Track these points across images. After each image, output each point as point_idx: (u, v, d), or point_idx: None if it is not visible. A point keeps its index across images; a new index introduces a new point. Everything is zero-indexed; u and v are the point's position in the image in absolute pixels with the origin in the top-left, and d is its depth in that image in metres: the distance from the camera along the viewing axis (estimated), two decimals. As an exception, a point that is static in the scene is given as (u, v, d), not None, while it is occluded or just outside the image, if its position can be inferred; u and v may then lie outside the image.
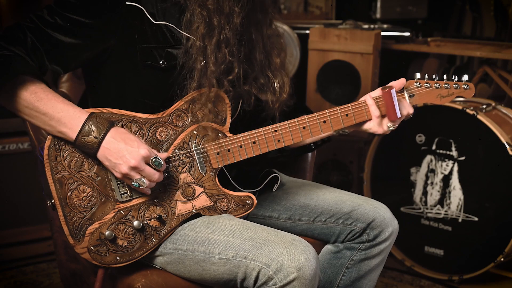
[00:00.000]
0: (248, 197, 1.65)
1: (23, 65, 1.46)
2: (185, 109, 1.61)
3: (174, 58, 1.59)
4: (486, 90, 3.55)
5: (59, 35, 1.51)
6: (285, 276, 1.45)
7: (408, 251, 2.86)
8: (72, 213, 1.53)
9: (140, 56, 1.58)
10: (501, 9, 3.98)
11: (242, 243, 1.51)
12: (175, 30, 1.60)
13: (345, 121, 1.68)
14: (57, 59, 1.53)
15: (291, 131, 1.65)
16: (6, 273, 2.75)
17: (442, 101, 1.71)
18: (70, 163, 1.53)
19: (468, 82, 1.71)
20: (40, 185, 1.96)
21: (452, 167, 2.73)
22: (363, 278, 1.80)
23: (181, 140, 1.61)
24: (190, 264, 1.57)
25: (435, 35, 3.73)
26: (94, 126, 1.49)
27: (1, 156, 2.76)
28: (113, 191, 1.56)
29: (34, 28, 1.50)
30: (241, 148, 1.63)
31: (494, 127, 2.59)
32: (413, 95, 1.69)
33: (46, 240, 2.81)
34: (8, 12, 1.94)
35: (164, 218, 1.58)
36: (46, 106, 1.48)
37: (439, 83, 1.69)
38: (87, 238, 1.53)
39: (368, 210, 1.75)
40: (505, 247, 2.58)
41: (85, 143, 1.49)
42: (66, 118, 1.49)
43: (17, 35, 1.49)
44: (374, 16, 3.96)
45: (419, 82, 1.69)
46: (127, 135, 1.52)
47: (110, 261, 1.55)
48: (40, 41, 1.50)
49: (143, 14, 1.57)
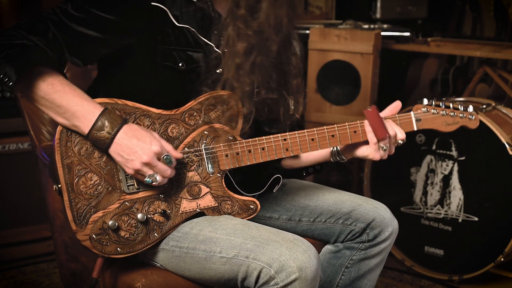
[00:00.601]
0: (252, 202, 1.65)
1: (42, 56, 1.47)
2: (198, 109, 1.61)
3: (194, 61, 1.61)
4: (486, 90, 3.55)
5: (81, 28, 1.52)
6: (286, 276, 1.45)
7: (408, 251, 2.86)
8: (78, 199, 1.53)
9: (161, 57, 1.59)
10: (501, 9, 3.98)
11: (244, 242, 1.51)
12: (196, 36, 1.61)
13: (352, 138, 1.69)
14: (78, 53, 1.53)
15: (299, 142, 1.65)
16: (6, 273, 2.75)
17: (447, 128, 1.74)
18: (80, 150, 1.53)
19: (473, 113, 1.74)
20: (40, 185, 1.96)
21: (452, 167, 2.73)
22: (363, 278, 1.80)
23: (191, 139, 1.61)
24: (191, 263, 1.57)
25: (435, 35, 3.73)
26: (107, 121, 1.49)
27: (1, 156, 2.76)
28: (120, 182, 1.56)
29: (57, 21, 1.51)
30: (250, 152, 1.63)
31: (494, 127, 2.59)
32: (419, 119, 1.72)
33: (46, 240, 2.81)
34: (9, 11, 1.94)
35: (168, 214, 1.58)
36: (62, 98, 1.48)
37: (445, 111, 1.72)
38: (89, 226, 1.53)
39: (368, 210, 1.75)
40: (505, 247, 2.58)
41: (98, 138, 1.50)
42: (80, 112, 1.49)
43: (38, 25, 1.49)
44: (374, 16, 3.97)
45: (427, 108, 1.72)
46: (139, 132, 1.52)
47: (111, 251, 1.54)
48: (62, 34, 1.50)
49: (167, 15, 1.58)
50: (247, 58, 1.57)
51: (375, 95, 3.10)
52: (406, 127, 1.72)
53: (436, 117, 1.72)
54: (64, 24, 1.51)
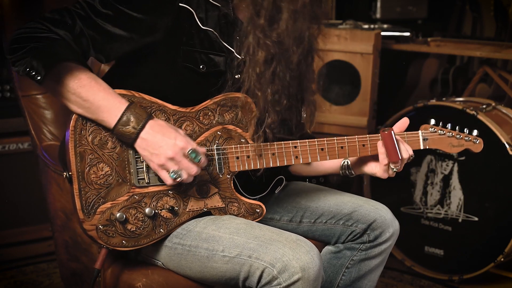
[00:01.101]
0: (258, 206, 1.66)
1: (69, 50, 1.47)
2: (213, 109, 1.62)
3: (215, 65, 1.61)
4: (486, 90, 3.55)
5: (108, 25, 1.52)
6: (289, 276, 1.45)
7: (408, 251, 2.86)
8: (87, 189, 1.52)
9: (182, 57, 1.59)
10: (501, 9, 3.98)
11: (247, 241, 1.51)
12: (218, 40, 1.61)
13: (361, 151, 1.70)
14: (103, 49, 1.54)
15: (309, 150, 1.66)
16: (6, 273, 2.75)
17: (452, 150, 1.78)
18: (94, 139, 1.53)
19: (478, 137, 1.78)
20: (40, 185, 1.96)
21: (452, 167, 2.73)
22: (363, 278, 1.80)
23: (204, 138, 1.61)
24: (193, 261, 1.57)
25: (435, 35, 3.73)
26: (133, 116, 1.49)
27: (1, 156, 2.76)
28: (131, 175, 1.56)
29: (85, 16, 1.51)
30: (260, 157, 1.63)
31: (494, 127, 2.60)
32: (427, 138, 1.75)
33: (46, 240, 2.80)
34: (11, 11, 1.93)
35: (176, 211, 1.58)
36: (88, 92, 1.48)
37: (452, 132, 1.76)
38: (97, 216, 1.52)
39: (369, 211, 1.76)
40: (505, 247, 2.58)
41: (124, 132, 1.50)
42: (106, 107, 1.49)
43: (65, 19, 1.49)
44: (374, 16, 3.96)
45: (434, 128, 1.76)
46: (165, 127, 1.52)
47: (116, 243, 1.54)
48: (89, 29, 1.50)
49: (193, 17, 1.59)
50: (267, 67, 1.57)
51: (375, 95, 3.11)
52: (413, 145, 1.73)
53: (442, 138, 1.76)
54: (91, 20, 1.51)
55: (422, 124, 1.76)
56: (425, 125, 1.76)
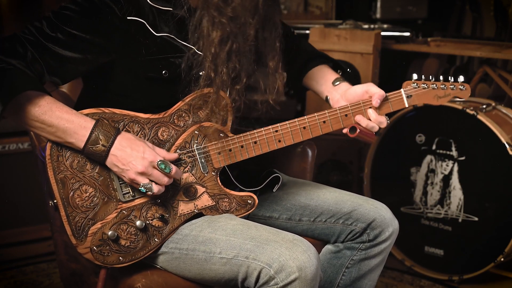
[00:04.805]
0: (249, 197, 1.65)
1: (25, 79, 1.46)
2: (186, 109, 1.61)
3: (177, 67, 1.60)
4: (486, 90, 3.55)
5: (59, 49, 1.51)
6: (286, 276, 1.45)
7: (408, 251, 2.86)
8: (75, 213, 1.53)
9: (144, 68, 1.58)
10: (501, 9, 3.98)
11: (243, 242, 1.51)
12: (176, 41, 1.60)
13: (344, 121, 1.70)
14: (57, 72, 1.52)
15: (291, 131, 1.65)
16: (6, 273, 2.75)
17: (439, 101, 1.74)
18: (72, 163, 1.53)
19: (464, 83, 1.73)
20: (40, 185, 1.96)
21: (452, 167, 2.73)
22: (363, 278, 1.80)
23: (182, 140, 1.61)
24: (191, 264, 1.57)
25: (435, 35, 3.73)
26: (101, 134, 1.49)
27: (1, 156, 2.76)
28: (116, 191, 1.56)
29: (34, 42, 1.49)
30: (242, 148, 1.63)
31: (494, 127, 2.59)
32: (410, 95, 1.71)
33: (46, 240, 2.80)
34: (9, 12, 1.93)
35: (166, 218, 1.58)
36: (51, 118, 1.48)
37: (436, 84, 1.72)
38: (89, 238, 1.53)
39: (368, 210, 1.75)
40: (505, 247, 2.58)
41: (94, 151, 1.50)
42: (72, 129, 1.49)
43: (16, 48, 1.48)
44: (374, 16, 3.96)
45: (416, 83, 1.71)
46: (133, 141, 1.52)
47: (113, 261, 1.55)
48: (40, 54, 1.49)
49: (145, 27, 1.57)
50: (222, 47, 1.54)
51: (375, 95, 3.10)
52: (397, 105, 1.72)
53: (426, 91, 1.72)
54: (41, 45, 1.49)
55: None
56: (407, 82, 1.72)
